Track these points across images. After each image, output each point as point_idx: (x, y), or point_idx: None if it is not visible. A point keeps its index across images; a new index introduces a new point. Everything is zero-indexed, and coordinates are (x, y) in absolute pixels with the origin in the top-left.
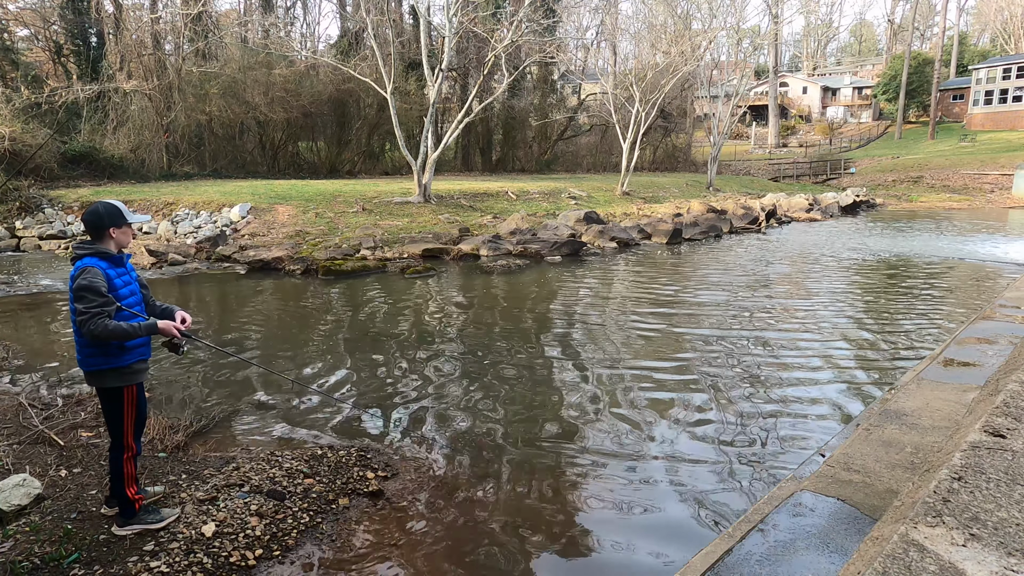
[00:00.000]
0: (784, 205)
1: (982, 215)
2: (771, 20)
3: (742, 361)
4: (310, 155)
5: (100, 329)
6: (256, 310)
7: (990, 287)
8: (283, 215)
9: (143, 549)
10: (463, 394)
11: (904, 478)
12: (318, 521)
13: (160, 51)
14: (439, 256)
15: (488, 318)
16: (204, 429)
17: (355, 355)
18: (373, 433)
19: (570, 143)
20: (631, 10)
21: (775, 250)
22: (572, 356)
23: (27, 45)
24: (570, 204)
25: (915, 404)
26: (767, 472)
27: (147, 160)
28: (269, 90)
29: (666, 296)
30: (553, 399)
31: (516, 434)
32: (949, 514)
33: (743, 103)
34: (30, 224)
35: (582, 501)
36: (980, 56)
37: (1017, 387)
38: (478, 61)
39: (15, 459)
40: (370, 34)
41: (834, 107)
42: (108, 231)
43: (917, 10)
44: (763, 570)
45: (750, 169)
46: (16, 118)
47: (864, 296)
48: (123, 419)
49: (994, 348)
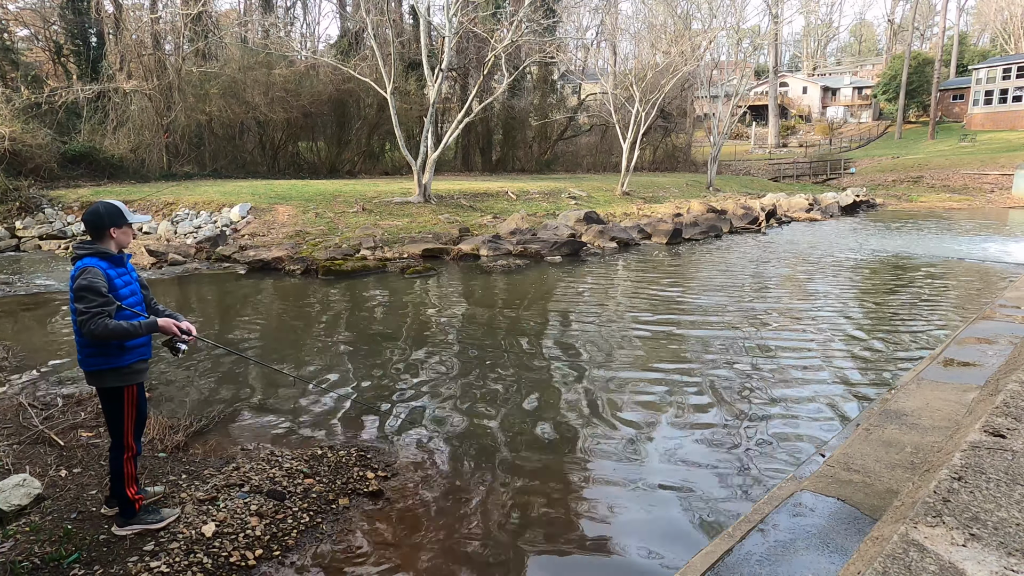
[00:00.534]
0: (784, 205)
1: (982, 215)
2: (771, 20)
3: (741, 361)
4: (310, 155)
5: (100, 329)
6: (256, 310)
7: (990, 287)
8: (283, 215)
9: (143, 549)
10: (463, 394)
11: (904, 478)
12: (318, 521)
13: (160, 51)
14: (439, 256)
15: (488, 318)
16: (204, 429)
17: (355, 355)
18: (374, 431)
19: (570, 143)
20: (631, 10)
21: (775, 250)
22: (572, 356)
23: (27, 45)
24: (570, 204)
25: (915, 404)
26: (767, 472)
27: (147, 160)
28: (269, 90)
29: (666, 296)
30: (552, 399)
31: (515, 434)
32: (949, 514)
33: (743, 103)
34: (30, 224)
35: (581, 501)
36: (980, 56)
37: (1017, 387)
38: (478, 61)
39: (15, 459)
40: (370, 34)
41: (834, 107)
42: (108, 231)
43: (917, 10)
44: (763, 570)
45: (750, 169)
46: (16, 118)
47: (864, 296)
48: (123, 419)
49: (994, 348)
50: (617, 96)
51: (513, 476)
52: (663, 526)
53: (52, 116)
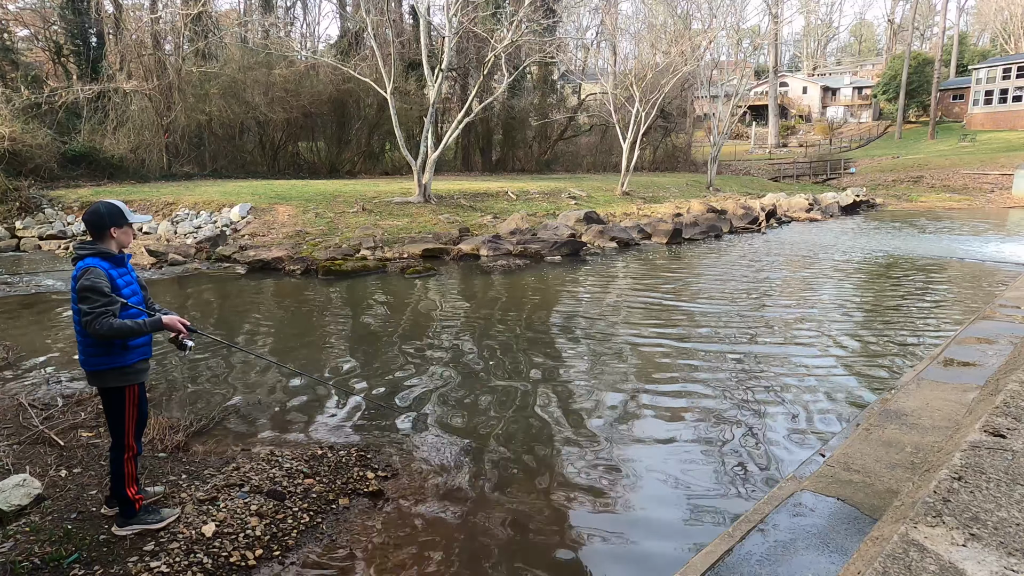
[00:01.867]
0: (784, 205)
1: (982, 215)
2: (771, 20)
3: (741, 361)
4: (310, 155)
5: (106, 328)
6: (256, 310)
7: (990, 287)
8: (283, 215)
9: (143, 549)
10: (463, 394)
11: (904, 478)
12: (318, 521)
13: (160, 51)
14: (439, 256)
15: (488, 318)
16: (204, 429)
17: (354, 355)
18: (374, 432)
19: (570, 143)
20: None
21: (775, 250)
22: (572, 356)
23: (27, 45)
24: (570, 204)
25: (915, 404)
26: (767, 472)
27: (147, 160)
28: (269, 90)
29: (666, 297)
30: (552, 399)
31: (515, 434)
32: (949, 514)
33: (743, 103)
34: (30, 224)
35: (581, 501)
36: (980, 56)
37: (1017, 387)
38: (478, 61)
39: (15, 459)
40: (370, 34)
41: (834, 107)
42: (109, 231)
43: (917, 10)
44: (763, 570)
45: (750, 169)
46: (16, 118)
47: (864, 296)
48: (124, 419)
49: (994, 348)
50: (617, 96)
51: (512, 476)
52: (663, 526)
53: (52, 116)
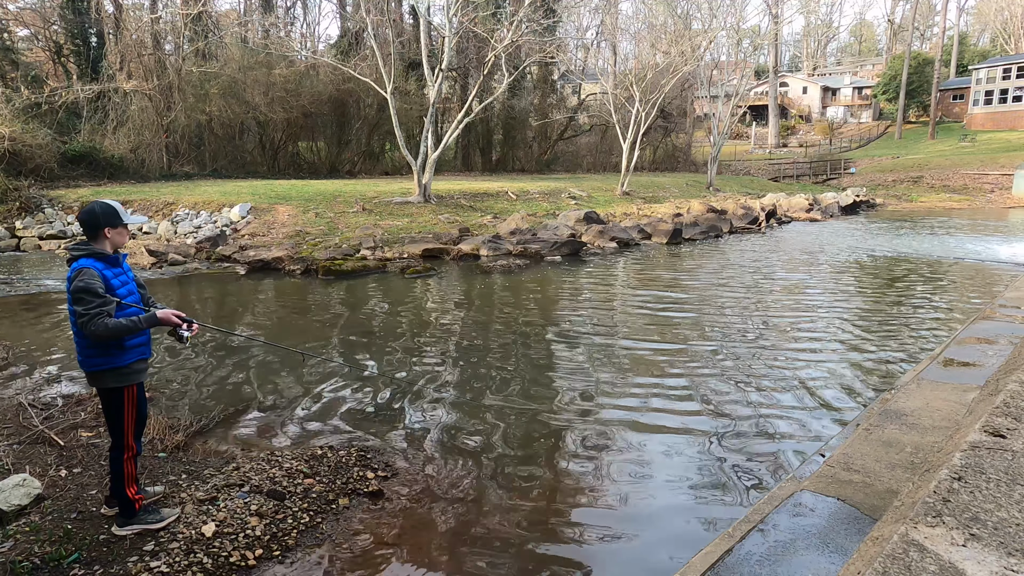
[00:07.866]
0: (784, 205)
1: (982, 215)
2: (771, 20)
3: (741, 361)
4: (310, 155)
5: (102, 328)
6: (256, 310)
7: (990, 287)
8: (283, 215)
9: (143, 549)
10: (463, 395)
11: (904, 478)
12: (318, 521)
13: (160, 51)
14: (439, 256)
15: (488, 318)
16: (204, 429)
17: (354, 355)
18: (374, 432)
19: (570, 143)
20: (631, 10)
21: (775, 250)
22: (571, 356)
23: (27, 45)
24: (570, 204)
25: (915, 404)
26: (767, 472)
27: (147, 160)
28: (269, 90)
29: (665, 297)
30: (552, 399)
31: (515, 434)
32: (949, 514)
33: (743, 103)
34: (30, 224)
35: (581, 501)
36: (980, 56)
37: (1017, 387)
38: (478, 61)
39: (15, 459)
40: (370, 34)
41: (834, 107)
42: (103, 231)
43: (917, 10)
44: (763, 570)
45: (750, 169)
46: (16, 118)
47: (864, 296)
48: (123, 419)
49: (994, 348)
50: (617, 96)
51: (513, 475)
52: (663, 526)
53: (52, 116)
